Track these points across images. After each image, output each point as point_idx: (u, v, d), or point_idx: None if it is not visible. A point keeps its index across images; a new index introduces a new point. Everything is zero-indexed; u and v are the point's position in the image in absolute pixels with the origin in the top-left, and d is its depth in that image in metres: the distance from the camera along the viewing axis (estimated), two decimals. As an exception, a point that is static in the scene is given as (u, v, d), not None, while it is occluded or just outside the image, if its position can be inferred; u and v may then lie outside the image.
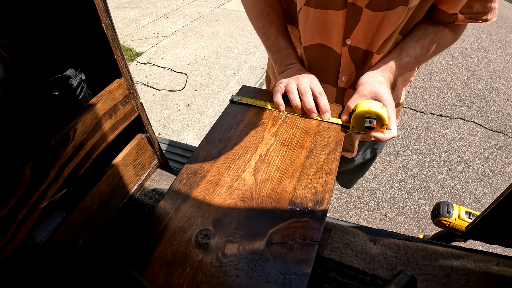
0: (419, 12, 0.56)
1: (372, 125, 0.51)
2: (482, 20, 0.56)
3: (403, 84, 0.75)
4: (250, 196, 0.44)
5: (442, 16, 0.58)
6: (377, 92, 0.54)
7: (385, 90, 0.55)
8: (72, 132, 0.49)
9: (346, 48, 0.61)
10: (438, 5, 0.56)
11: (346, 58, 0.62)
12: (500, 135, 2.33)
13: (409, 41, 0.60)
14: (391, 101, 0.54)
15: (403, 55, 0.59)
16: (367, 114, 0.50)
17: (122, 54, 0.57)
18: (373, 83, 0.56)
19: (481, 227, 0.66)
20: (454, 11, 0.56)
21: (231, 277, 0.36)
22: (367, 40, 0.58)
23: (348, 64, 0.63)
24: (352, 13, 0.55)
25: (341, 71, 0.65)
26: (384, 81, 0.57)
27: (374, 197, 1.85)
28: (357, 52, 0.61)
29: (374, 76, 0.57)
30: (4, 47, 0.50)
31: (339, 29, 0.58)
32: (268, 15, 0.66)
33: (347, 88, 0.68)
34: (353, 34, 0.58)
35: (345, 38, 0.59)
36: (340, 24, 0.57)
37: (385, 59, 0.60)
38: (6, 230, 0.43)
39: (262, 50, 3.15)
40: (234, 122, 0.56)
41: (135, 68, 2.89)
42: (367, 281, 0.51)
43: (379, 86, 0.55)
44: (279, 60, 0.66)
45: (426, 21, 0.60)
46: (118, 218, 0.64)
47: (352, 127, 0.54)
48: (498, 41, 3.76)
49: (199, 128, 2.23)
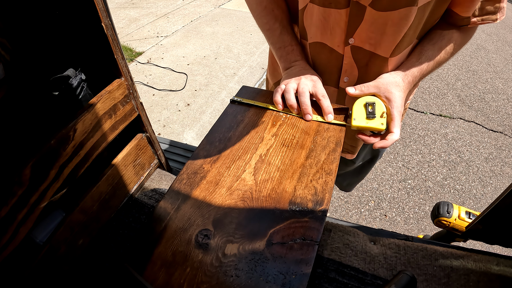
0: (434, 15, 0.55)
1: (372, 111, 0.53)
2: (492, 21, 0.56)
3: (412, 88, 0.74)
4: (250, 196, 0.44)
5: (456, 18, 0.58)
6: (390, 92, 0.54)
7: (398, 94, 0.55)
8: (72, 132, 0.49)
9: (349, 48, 0.60)
10: (452, 7, 0.56)
11: (348, 59, 0.62)
12: (500, 135, 2.33)
13: (427, 44, 0.59)
14: (399, 105, 0.54)
15: (422, 59, 0.58)
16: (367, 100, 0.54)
17: (122, 54, 0.57)
18: (391, 83, 0.55)
19: (481, 227, 0.66)
20: (467, 14, 0.56)
21: (231, 277, 0.36)
22: (371, 41, 0.58)
23: (350, 64, 0.63)
24: (355, 12, 0.55)
25: (343, 71, 0.65)
26: (402, 85, 0.57)
27: (374, 197, 1.85)
28: (361, 52, 0.60)
29: (395, 78, 0.57)
30: (4, 47, 0.50)
31: (341, 28, 0.58)
32: (272, 11, 0.66)
33: None
34: (356, 33, 0.58)
35: (347, 38, 0.59)
36: (343, 23, 0.57)
37: (406, 64, 0.59)
38: (6, 230, 0.43)
39: (262, 50, 3.15)
40: (234, 122, 0.56)
41: (135, 68, 2.89)
42: (367, 281, 0.51)
43: (395, 88, 0.55)
44: (284, 56, 0.66)
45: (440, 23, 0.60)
46: (118, 218, 0.64)
47: (354, 119, 0.54)
48: (498, 41, 3.76)
49: (199, 128, 2.23)
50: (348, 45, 0.60)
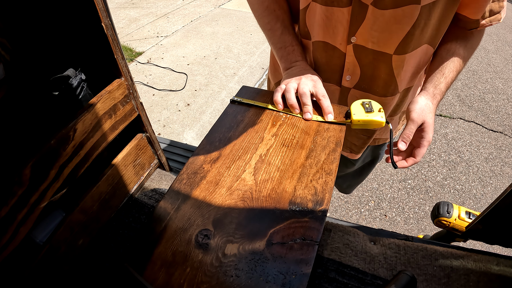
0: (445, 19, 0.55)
1: (370, 107, 0.55)
2: (498, 20, 0.57)
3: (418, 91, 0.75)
4: (250, 196, 0.44)
5: (465, 22, 0.58)
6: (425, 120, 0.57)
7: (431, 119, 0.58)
8: (72, 132, 0.49)
9: (351, 47, 0.60)
10: (461, 11, 0.57)
11: (351, 57, 0.62)
12: (500, 135, 2.33)
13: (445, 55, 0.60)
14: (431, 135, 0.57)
15: (446, 73, 0.60)
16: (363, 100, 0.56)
17: (122, 54, 0.57)
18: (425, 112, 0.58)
19: (481, 227, 0.66)
20: (476, 17, 0.56)
21: (231, 277, 0.36)
22: (373, 39, 0.58)
23: (352, 63, 0.63)
24: (357, 11, 0.55)
25: (345, 70, 0.65)
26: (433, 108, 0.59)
27: (374, 197, 1.85)
28: (363, 51, 0.60)
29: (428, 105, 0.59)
30: (4, 47, 0.50)
31: (344, 27, 0.58)
32: (274, 11, 0.66)
33: (351, 88, 0.68)
34: (359, 32, 0.58)
35: (350, 36, 0.59)
36: (345, 22, 0.57)
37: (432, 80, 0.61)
38: (6, 230, 0.43)
39: (262, 50, 3.15)
40: (234, 122, 0.56)
41: (135, 68, 2.89)
42: (367, 281, 0.51)
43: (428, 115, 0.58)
44: (285, 57, 0.66)
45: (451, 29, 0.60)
46: (118, 218, 0.64)
47: (354, 114, 0.54)
48: (498, 41, 3.76)
49: (199, 128, 2.23)
50: (351, 44, 0.60)
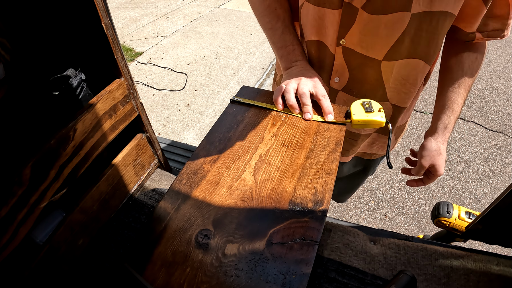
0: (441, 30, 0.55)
1: (370, 107, 0.55)
2: (500, 37, 0.58)
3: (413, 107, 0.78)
4: (250, 196, 0.44)
5: (460, 34, 0.58)
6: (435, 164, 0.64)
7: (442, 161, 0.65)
8: (72, 132, 0.49)
9: (340, 49, 0.60)
10: (456, 24, 0.57)
11: (339, 59, 0.62)
12: (500, 135, 2.33)
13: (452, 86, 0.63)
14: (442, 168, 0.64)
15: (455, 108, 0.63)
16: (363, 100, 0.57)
17: (122, 54, 0.57)
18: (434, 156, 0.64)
19: (481, 227, 0.66)
20: (471, 30, 0.57)
21: (231, 277, 0.36)
22: (362, 44, 0.58)
23: (341, 65, 0.63)
24: (347, 13, 0.55)
25: (333, 71, 0.65)
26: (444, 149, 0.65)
27: (374, 197, 1.85)
28: (352, 54, 0.60)
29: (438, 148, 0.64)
30: (4, 47, 0.50)
31: (334, 28, 0.58)
32: (275, 10, 0.66)
33: (339, 90, 0.68)
34: (348, 35, 0.58)
35: (339, 38, 0.59)
36: (336, 23, 0.57)
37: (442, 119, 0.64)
38: (6, 230, 0.43)
39: (262, 50, 3.15)
40: (234, 122, 0.56)
41: (135, 68, 2.89)
42: (367, 281, 0.51)
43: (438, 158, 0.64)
44: (285, 56, 0.66)
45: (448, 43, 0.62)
46: (118, 218, 0.64)
47: (354, 114, 0.54)
48: (498, 41, 3.76)
49: (199, 128, 2.23)
50: (340, 46, 0.60)
